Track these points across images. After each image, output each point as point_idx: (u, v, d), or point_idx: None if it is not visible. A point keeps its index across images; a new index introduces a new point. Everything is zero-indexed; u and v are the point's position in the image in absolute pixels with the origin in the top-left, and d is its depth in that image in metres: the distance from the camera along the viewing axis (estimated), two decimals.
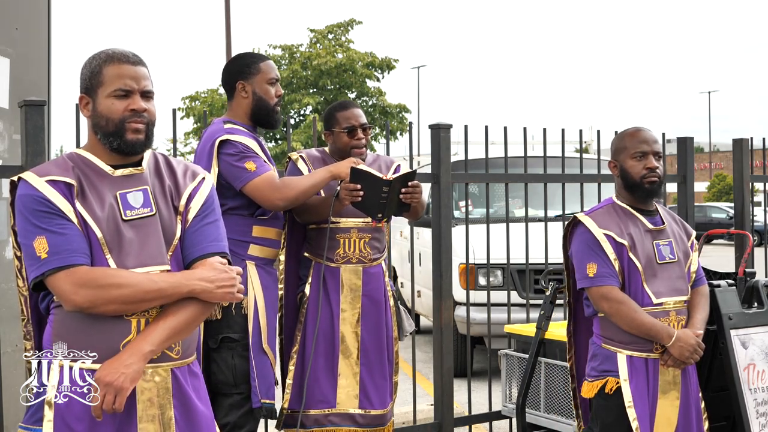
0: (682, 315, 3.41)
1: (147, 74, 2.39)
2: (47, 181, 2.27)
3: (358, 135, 3.89)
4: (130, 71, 2.35)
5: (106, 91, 2.34)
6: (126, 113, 2.33)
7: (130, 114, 2.33)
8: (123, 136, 2.33)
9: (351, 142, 3.88)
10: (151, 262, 2.31)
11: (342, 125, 3.89)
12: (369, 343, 3.89)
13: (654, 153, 3.44)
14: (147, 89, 2.37)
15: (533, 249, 5.32)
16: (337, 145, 3.93)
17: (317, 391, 3.83)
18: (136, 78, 2.35)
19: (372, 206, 3.71)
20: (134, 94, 2.34)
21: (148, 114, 2.36)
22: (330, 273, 3.85)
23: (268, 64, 3.71)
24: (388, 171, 3.95)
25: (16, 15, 4.71)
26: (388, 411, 3.95)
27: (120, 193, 2.34)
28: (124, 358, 2.22)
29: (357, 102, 24.64)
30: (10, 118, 4.50)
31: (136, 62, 2.38)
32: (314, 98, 24.89)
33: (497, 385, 5.19)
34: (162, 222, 2.36)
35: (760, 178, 6.50)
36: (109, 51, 2.39)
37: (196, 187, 2.45)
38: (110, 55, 2.37)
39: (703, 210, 29.89)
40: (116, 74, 2.34)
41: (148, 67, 2.41)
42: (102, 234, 2.28)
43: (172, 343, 2.31)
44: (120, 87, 2.33)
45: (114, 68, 2.35)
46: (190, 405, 2.36)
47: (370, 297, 3.89)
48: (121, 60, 2.36)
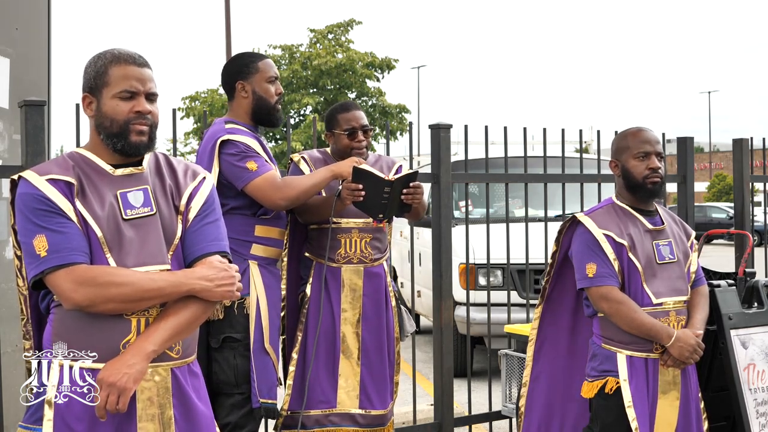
0: (681, 315, 3.42)
1: (152, 76, 2.40)
2: (47, 180, 2.27)
3: (359, 137, 3.89)
4: (136, 73, 2.36)
5: (112, 92, 2.34)
6: (131, 115, 2.33)
7: (135, 116, 2.33)
8: (127, 138, 2.33)
9: (351, 144, 3.88)
10: (152, 262, 2.31)
11: (343, 127, 3.89)
12: (370, 343, 3.89)
13: (656, 153, 3.44)
14: (152, 91, 2.38)
15: (533, 249, 5.32)
16: (337, 146, 3.93)
17: (318, 391, 3.83)
18: (142, 80, 2.36)
19: (373, 206, 3.70)
20: (139, 96, 2.35)
21: (152, 116, 2.37)
22: (331, 273, 3.85)
23: (267, 63, 3.71)
24: (390, 171, 3.95)
25: (16, 15, 4.71)
26: (388, 411, 3.95)
27: (120, 192, 2.34)
28: (127, 358, 2.23)
29: (357, 102, 24.69)
30: (10, 118, 4.50)
31: (142, 64, 2.38)
32: (314, 98, 24.90)
33: (497, 385, 5.19)
34: (162, 221, 2.36)
35: (760, 178, 6.50)
36: (116, 51, 2.39)
37: (197, 187, 2.46)
38: (116, 55, 2.37)
39: (703, 210, 29.89)
40: (122, 75, 2.34)
41: (152, 68, 2.42)
42: (102, 233, 2.28)
43: (173, 343, 2.31)
44: (126, 88, 2.34)
45: (120, 69, 2.35)
46: (190, 404, 2.37)
47: (371, 297, 3.89)
48: (127, 61, 2.36)
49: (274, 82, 3.69)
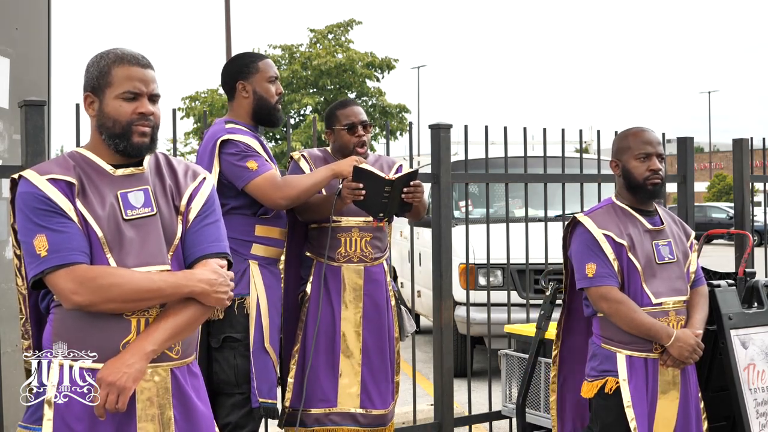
0: (681, 315, 3.42)
1: (155, 77, 2.39)
2: (48, 180, 2.27)
3: (359, 132, 3.90)
4: (140, 74, 2.35)
5: (115, 93, 2.33)
6: (134, 116, 2.33)
7: (137, 117, 2.33)
8: (129, 139, 2.33)
9: (352, 139, 3.89)
10: (152, 262, 2.31)
11: (342, 122, 3.91)
12: (371, 342, 3.89)
13: (657, 155, 3.44)
14: (155, 92, 2.37)
15: (533, 249, 5.32)
16: (338, 143, 3.94)
17: (318, 390, 3.83)
18: (145, 81, 2.35)
19: (374, 205, 3.70)
20: (142, 97, 2.34)
21: (155, 117, 2.36)
22: (331, 272, 3.85)
23: (267, 63, 3.71)
24: (390, 171, 3.95)
25: (16, 15, 4.70)
26: (389, 411, 3.95)
27: (121, 192, 2.34)
28: (126, 358, 2.23)
29: (357, 101, 24.69)
30: (10, 118, 4.50)
31: (145, 65, 2.38)
32: (314, 98, 24.90)
33: (497, 385, 5.19)
34: (163, 222, 2.36)
35: (760, 178, 6.50)
36: (119, 51, 2.38)
37: (197, 187, 2.46)
38: (119, 56, 2.36)
39: (703, 210, 29.88)
40: (126, 76, 2.34)
41: (155, 69, 2.41)
42: (103, 233, 2.28)
43: (173, 343, 2.31)
44: (129, 89, 2.33)
45: (124, 70, 2.34)
46: (190, 405, 2.36)
47: (371, 296, 3.89)
48: (131, 62, 2.35)
49: (274, 82, 3.70)
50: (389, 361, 3.95)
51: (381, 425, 3.93)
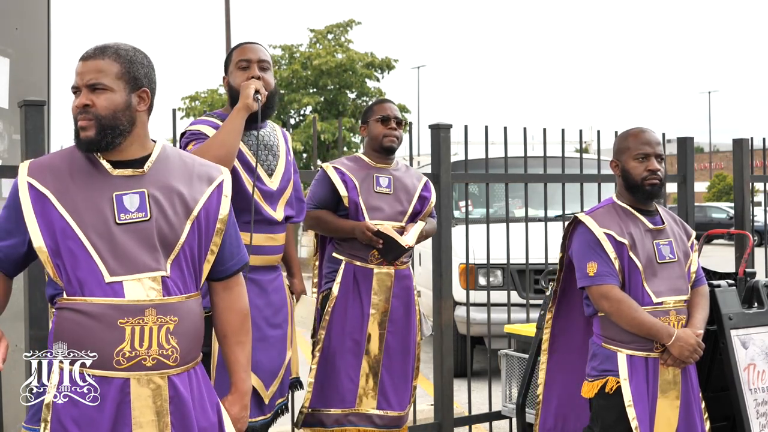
0: (682, 314, 3.42)
1: (100, 67, 2.27)
2: (29, 183, 2.26)
3: (391, 124, 4.02)
4: (78, 68, 2.30)
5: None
6: (75, 111, 2.30)
7: (77, 112, 2.29)
8: (78, 135, 2.29)
9: (384, 130, 4.01)
10: (144, 269, 2.25)
11: (377, 114, 4.04)
12: (394, 344, 3.94)
13: (656, 155, 3.45)
14: (92, 83, 2.26)
15: (533, 249, 5.32)
16: (371, 135, 4.05)
17: (339, 390, 3.86)
18: (81, 73, 2.29)
19: (387, 254, 3.90)
20: (80, 91, 2.29)
21: (96, 108, 2.26)
22: (363, 273, 3.89)
23: (242, 48, 3.46)
24: (417, 186, 4.06)
25: (16, 15, 4.70)
26: (405, 413, 3.98)
27: (116, 194, 2.27)
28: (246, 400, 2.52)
29: (357, 102, 24.69)
30: (10, 118, 4.50)
31: (87, 57, 2.30)
32: (314, 98, 24.86)
33: (497, 385, 5.19)
34: (160, 227, 2.29)
35: (760, 178, 6.50)
36: None
37: (215, 192, 2.40)
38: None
39: (703, 210, 29.88)
40: (75, 72, 2.31)
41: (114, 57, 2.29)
42: (89, 239, 2.22)
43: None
44: (72, 85, 2.31)
45: (77, 66, 2.32)
46: (186, 412, 2.31)
47: (400, 299, 3.94)
48: (81, 57, 2.32)
49: (246, 68, 3.39)
50: (411, 363, 3.99)
51: (396, 427, 3.96)
